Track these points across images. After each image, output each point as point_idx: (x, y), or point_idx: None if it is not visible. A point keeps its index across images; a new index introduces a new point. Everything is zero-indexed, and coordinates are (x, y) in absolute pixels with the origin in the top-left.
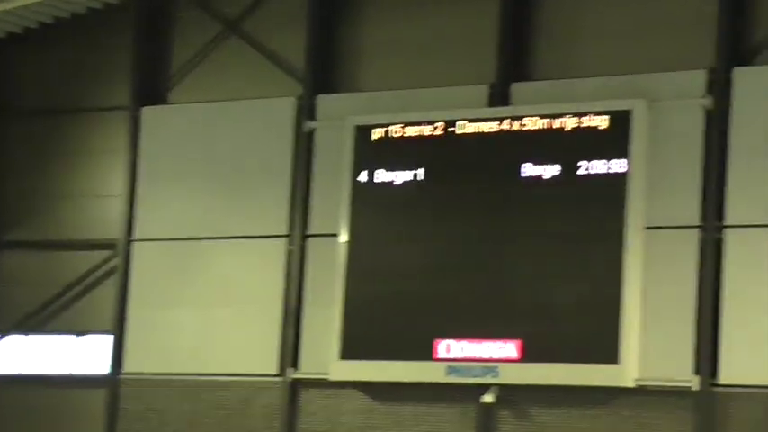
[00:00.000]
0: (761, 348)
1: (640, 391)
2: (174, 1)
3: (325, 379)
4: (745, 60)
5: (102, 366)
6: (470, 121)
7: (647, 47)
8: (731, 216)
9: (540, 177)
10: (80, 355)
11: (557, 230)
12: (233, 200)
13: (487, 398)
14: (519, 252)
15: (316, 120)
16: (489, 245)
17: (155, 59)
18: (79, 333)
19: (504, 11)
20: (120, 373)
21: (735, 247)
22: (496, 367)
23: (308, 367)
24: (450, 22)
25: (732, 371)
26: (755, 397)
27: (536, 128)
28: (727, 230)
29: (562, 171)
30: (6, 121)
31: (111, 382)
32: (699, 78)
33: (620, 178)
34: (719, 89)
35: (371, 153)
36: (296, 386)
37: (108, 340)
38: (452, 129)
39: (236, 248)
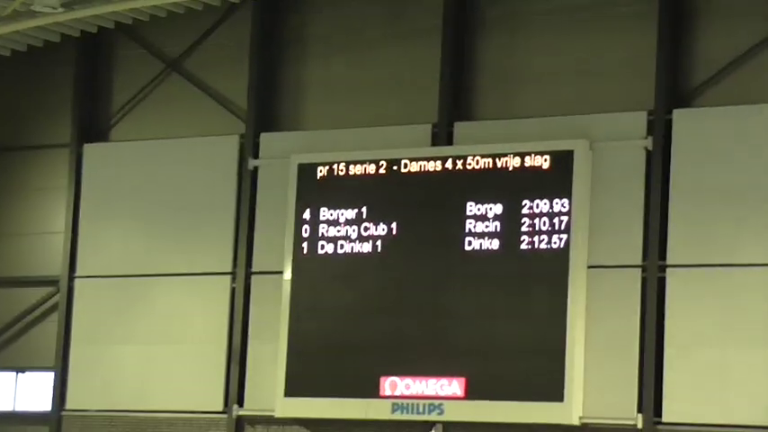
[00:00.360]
0: (704, 386)
1: (585, 429)
2: (116, 39)
3: (270, 416)
4: (685, 102)
5: (44, 403)
6: (414, 160)
7: (589, 89)
8: (673, 256)
9: (483, 215)
10: (22, 391)
11: (500, 268)
12: (176, 237)
13: None
14: (464, 290)
15: (259, 158)
16: (434, 283)
17: (96, 97)
18: (21, 370)
19: (447, 52)
20: (62, 409)
21: (677, 286)
22: (441, 404)
23: (254, 404)
24: (393, 62)
25: (675, 409)
26: None
27: (479, 167)
28: (669, 270)
29: (505, 210)
30: None
31: (54, 419)
32: (639, 120)
33: (562, 218)
34: (660, 130)
35: (315, 191)
36: (241, 423)
37: (50, 377)
38: (396, 167)
39: (179, 286)
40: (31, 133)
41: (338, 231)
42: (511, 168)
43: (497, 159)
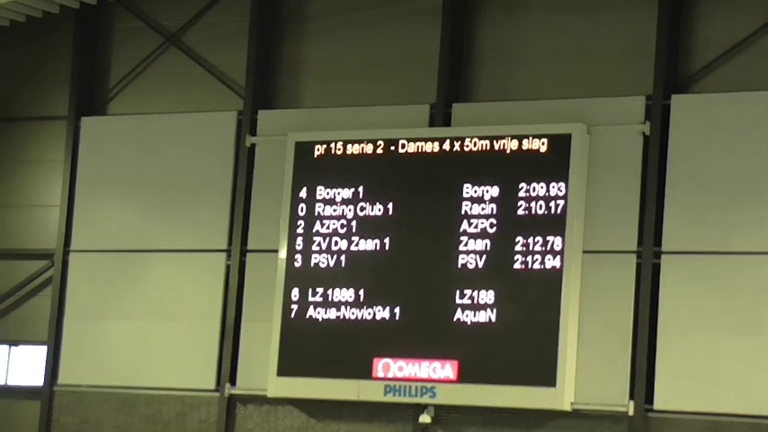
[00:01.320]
0: (696, 374)
1: (576, 415)
2: (115, 12)
3: (262, 395)
4: (684, 88)
5: (36, 377)
6: (412, 140)
7: (588, 72)
8: (668, 242)
9: (480, 198)
10: (14, 365)
11: (495, 251)
12: (172, 213)
13: (424, 418)
14: (459, 272)
15: (257, 135)
16: (429, 265)
17: (95, 70)
18: (14, 343)
19: (446, 32)
20: (54, 384)
21: (672, 272)
22: (434, 387)
23: (246, 383)
24: (392, 41)
25: (667, 396)
26: (690, 423)
27: (477, 149)
28: (664, 256)
29: (502, 192)
30: None
31: (46, 394)
32: (638, 105)
33: (558, 201)
34: (658, 116)
35: (312, 170)
36: (233, 402)
37: (43, 351)
38: (394, 148)
39: (174, 262)
40: (27, 105)
41: (334, 211)
42: (508, 151)
43: (495, 142)
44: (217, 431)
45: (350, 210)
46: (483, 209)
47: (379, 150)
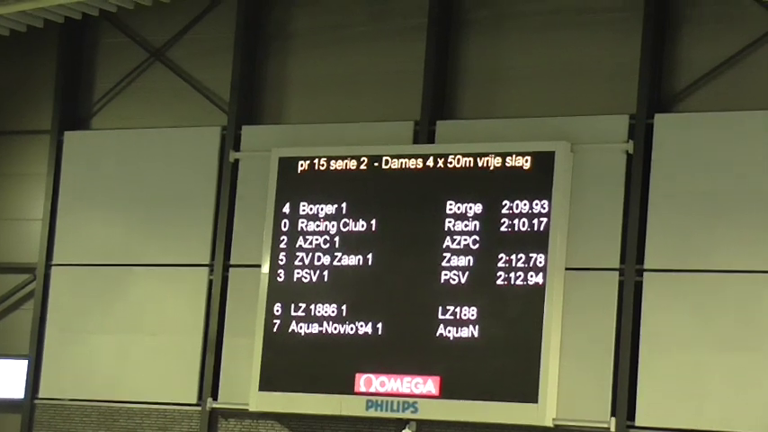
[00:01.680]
0: (678, 391)
1: (558, 431)
2: (100, 27)
3: (244, 409)
4: (667, 107)
5: (17, 390)
6: (395, 157)
7: (571, 91)
8: (651, 260)
9: (463, 214)
10: None
11: (478, 268)
12: (155, 227)
13: None
14: (441, 289)
15: (240, 150)
16: (412, 281)
17: (78, 84)
18: None
19: (431, 49)
20: (35, 397)
21: (654, 290)
22: (416, 403)
23: (228, 397)
24: (377, 59)
25: (649, 413)
26: None
27: (460, 166)
28: (646, 274)
29: (485, 209)
30: None
31: (27, 407)
32: (621, 123)
33: (541, 219)
34: (641, 135)
35: (296, 185)
36: (215, 416)
37: (24, 365)
38: (377, 164)
39: (157, 276)
40: (11, 119)
41: (317, 226)
42: (492, 168)
43: (478, 159)
44: None
45: (333, 225)
46: (466, 225)
47: (363, 166)
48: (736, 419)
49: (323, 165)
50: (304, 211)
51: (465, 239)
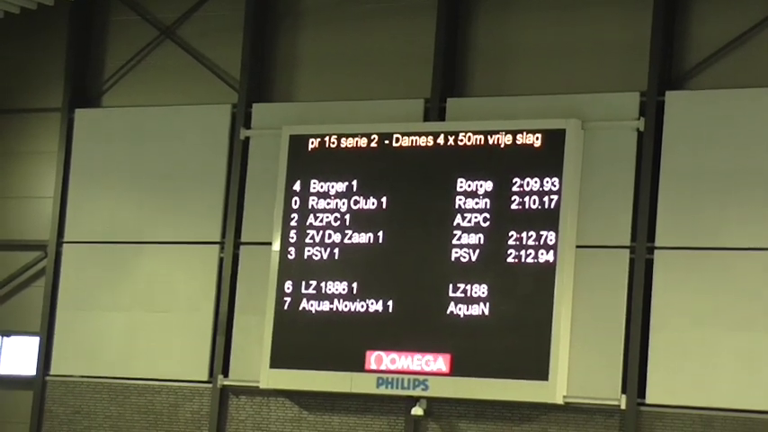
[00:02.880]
0: (688, 369)
1: (568, 408)
2: (110, 5)
3: (255, 387)
4: (678, 84)
5: (29, 368)
6: (406, 134)
7: (582, 68)
8: (661, 237)
9: (473, 192)
10: (7, 355)
11: (488, 246)
12: (166, 205)
13: (417, 410)
14: (452, 266)
15: (251, 128)
16: (422, 258)
17: (89, 62)
18: (6, 333)
19: (441, 27)
20: (47, 374)
21: (664, 268)
22: (426, 380)
23: (238, 375)
24: (388, 36)
25: (660, 391)
26: (682, 417)
27: (471, 144)
28: (657, 252)
29: (496, 187)
30: None
31: (38, 384)
32: (632, 101)
33: (552, 197)
34: (652, 112)
35: (306, 163)
36: (225, 393)
37: (35, 342)
38: (388, 142)
39: (167, 254)
40: (22, 96)
41: (328, 204)
42: (502, 146)
43: (489, 136)
44: (209, 422)
45: (344, 203)
46: (477, 203)
47: (374, 144)
48: (746, 397)
49: (333, 142)
50: (315, 188)
51: (476, 217)
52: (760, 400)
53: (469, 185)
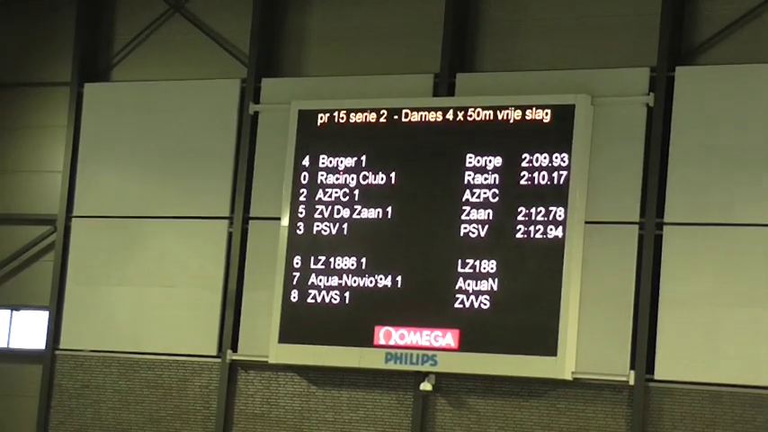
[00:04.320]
0: (697, 345)
1: (577, 384)
2: None
3: (263, 362)
4: (688, 60)
5: (38, 342)
6: (415, 110)
7: (592, 44)
8: (671, 213)
9: (482, 168)
10: (17, 329)
11: (497, 221)
12: (175, 180)
13: (425, 386)
14: (461, 242)
15: (260, 103)
16: (431, 234)
17: (98, 36)
18: (16, 308)
19: (451, 2)
20: (56, 348)
21: (674, 244)
22: (435, 356)
23: (247, 350)
24: (396, 12)
25: (668, 367)
26: (690, 393)
27: (480, 119)
28: (666, 227)
29: (505, 162)
30: None
31: (48, 358)
32: (642, 76)
33: (561, 172)
34: (662, 87)
35: (315, 138)
36: (234, 368)
37: (45, 316)
38: (397, 117)
39: (176, 229)
40: (32, 71)
41: (337, 179)
42: (512, 121)
43: (498, 112)
44: (218, 397)
45: (352, 178)
46: (486, 179)
47: (383, 119)
48: (754, 373)
49: (342, 117)
50: (323, 163)
51: (484, 192)
52: None
53: (479, 161)
